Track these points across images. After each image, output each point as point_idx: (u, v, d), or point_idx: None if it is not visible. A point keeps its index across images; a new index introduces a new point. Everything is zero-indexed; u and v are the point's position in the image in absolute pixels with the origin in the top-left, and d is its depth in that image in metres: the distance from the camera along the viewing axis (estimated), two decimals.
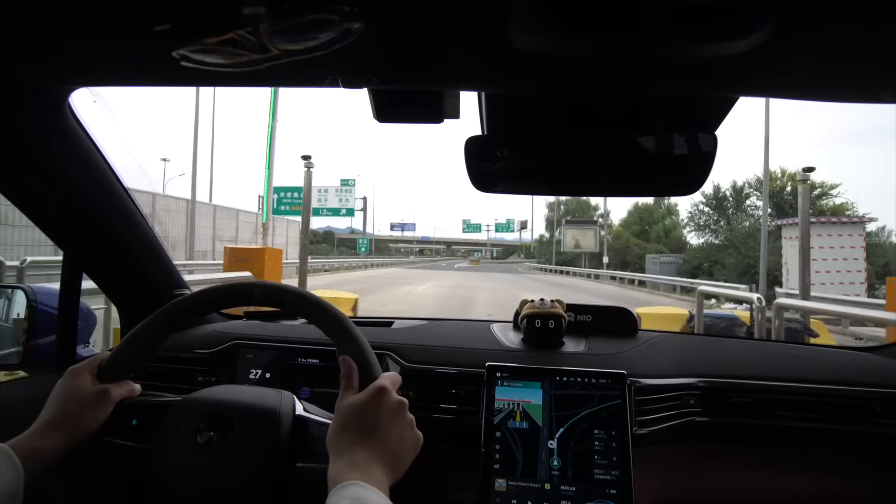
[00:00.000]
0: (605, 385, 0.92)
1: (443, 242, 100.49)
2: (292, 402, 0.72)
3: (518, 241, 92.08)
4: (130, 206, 1.01)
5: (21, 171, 0.84)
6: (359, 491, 0.54)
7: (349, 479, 0.56)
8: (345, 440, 0.61)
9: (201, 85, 1.02)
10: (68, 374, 0.72)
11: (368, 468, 0.59)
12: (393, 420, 0.64)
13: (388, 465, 0.61)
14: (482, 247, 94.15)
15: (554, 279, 28.59)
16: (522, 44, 0.55)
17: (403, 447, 0.65)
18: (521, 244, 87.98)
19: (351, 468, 0.58)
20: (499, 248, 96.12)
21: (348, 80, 0.63)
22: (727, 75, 0.64)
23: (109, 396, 0.72)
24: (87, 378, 0.71)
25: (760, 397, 0.99)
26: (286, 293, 0.74)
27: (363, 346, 0.70)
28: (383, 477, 0.59)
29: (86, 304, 1.13)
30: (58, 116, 0.81)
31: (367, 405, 0.64)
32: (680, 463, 0.99)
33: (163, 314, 0.76)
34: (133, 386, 0.77)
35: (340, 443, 0.61)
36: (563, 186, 0.86)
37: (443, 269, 36.69)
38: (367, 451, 0.60)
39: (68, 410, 0.68)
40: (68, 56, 0.66)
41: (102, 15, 0.54)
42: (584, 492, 0.86)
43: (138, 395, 0.78)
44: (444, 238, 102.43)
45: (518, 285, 20.50)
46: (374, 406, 0.64)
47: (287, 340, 1.10)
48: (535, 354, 1.07)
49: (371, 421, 0.63)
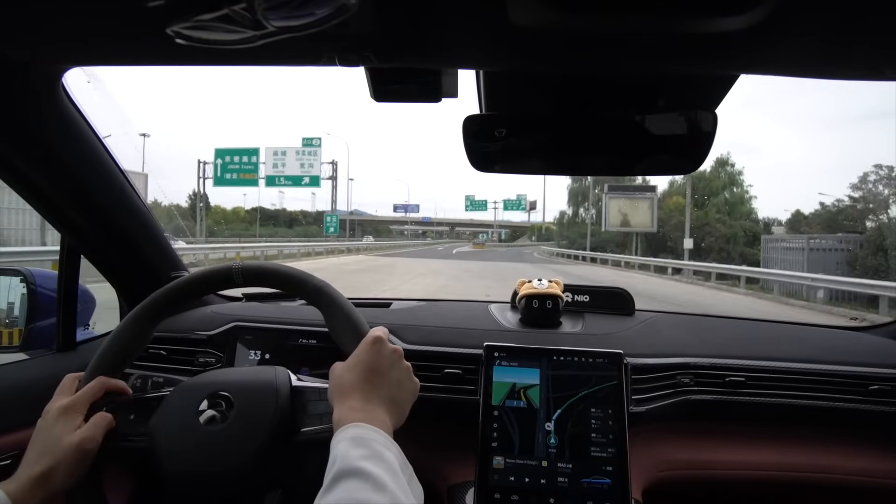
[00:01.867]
0: (602, 365, 0.93)
1: (445, 223, 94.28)
2: (287, 375, 0.73)
3: (527, 222, 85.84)
4: (127, 187, 1.01)
5: (15, 152, 0.84)
6: (359, 430, 0.56)
7: (351, 421, 0.57)
8: (345, 387, 0.63)
9: (196, 64, 0.99)
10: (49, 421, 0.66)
11: (369, 410, 0.60)
12: (389, 366, 0.66)
13: (388, 408, 0.63)
14: (488, 228, 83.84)
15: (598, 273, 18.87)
16: (520, 20, 0.54)
17: (402, 392, 0.66)
18: (533, 225, 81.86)
19: (352, 411, 0.59)
20: (506, 229, 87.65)
21: (345, 59, 0.62)
22: (727, 53, 0.63)
23: (85, 445, 0.65)
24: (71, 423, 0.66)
25: (755, 375, 1.01)
26: (266, 270, 0.76)
27: (348, 307, 0.72)
28: (386, 418, 0.61)
29: (85, 287, 1.13)
30: (51, 97, 0.80)
31: (364, 355, 0.66)
32: (676, 440, 1.01)
33: (142, 310, 0.76)
34: (122, 384, 0.74)
35: (342, 389, 0.63)
36: (561, 166, 0.86)
37: (436, 257, 25.61)
38: (367, 395, 0.62)
39: (50, 465, 0.63)
40: (60, 35, 0.65)
41: None
42: (580, 469, 0.88)
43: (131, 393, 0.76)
44: (449, 219, 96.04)
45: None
46: (372, 354, 0.66)
47: (286, 322, 1.10)
48: (533, 334, 1.08)
49: (369, 367, 0.65)
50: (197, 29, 0.51)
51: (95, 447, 0.66)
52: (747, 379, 1.00)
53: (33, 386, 0.92)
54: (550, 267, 21.52)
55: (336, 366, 0.68)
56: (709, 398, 1.00)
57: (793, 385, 1.01)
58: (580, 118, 0.80)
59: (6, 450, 0.86)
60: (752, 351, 1.05)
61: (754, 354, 1.04)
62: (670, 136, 0.79)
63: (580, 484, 0.87)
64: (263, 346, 1.08)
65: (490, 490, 0.87)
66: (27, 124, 0.81)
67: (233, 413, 0.67)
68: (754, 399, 1.00)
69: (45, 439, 0.65)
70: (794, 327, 1.28)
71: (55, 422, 0.66)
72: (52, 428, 0.65)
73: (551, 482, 0.87)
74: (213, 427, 0.66)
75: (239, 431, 0.66)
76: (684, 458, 1.00)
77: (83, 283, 1.11)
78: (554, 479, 0.87)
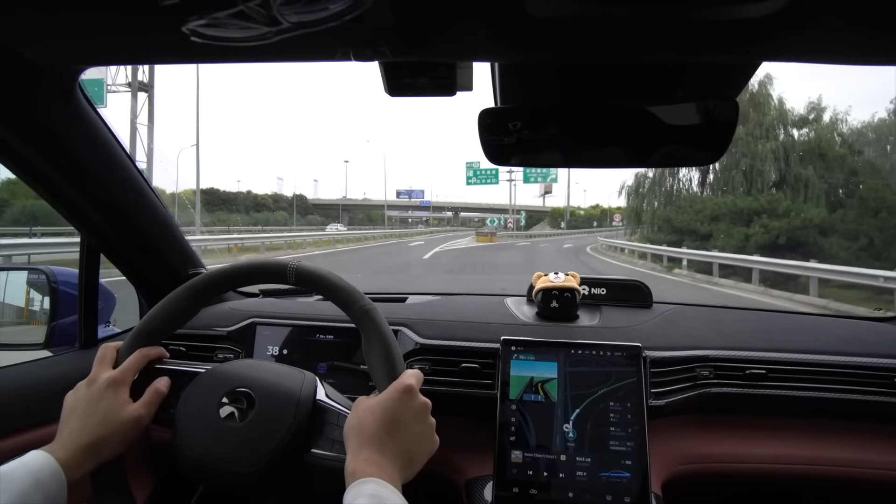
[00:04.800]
0: (621, 359, 0.93)
1: (448, 207, 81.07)
2: (314, 385, 0.72)
3: (543, 206, 72.04)
4: (144, 186, 1.02)
5: (34, 153, 0.84)
6: (377, 488, 0.55)
7: (368, 475, 0.56)
8: (365, 432, 0.61)
9: (210, 62, 1.01)
10: (96, 393, 0.68)
11: (384, 465, 0.58)
12: (415, 421, 0.64)
13: (403, 464, 0.61)
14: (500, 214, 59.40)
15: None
16: (538, 10, 0.53)
17: (420, 450, 0.64)
18: (555, 209, 68.16)
19: (368, 463, 0.58)
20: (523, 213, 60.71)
21: (360, 53, 0.61)
22: (749, 41, 0.62)
23: (142, 421, 0.69)
24: (121, 396, 0.69)
25: (776, 368, 0.99)
26: (320, 277, 0.73)
27: (390, 340, 0.69)
28: (397, 476, 0.59)
29: (105, 284, 1.14)
30: (68, 97, 0.81)
31: (391, 402, 0.63)
32: (696, 433, 1.00)
33: (194, 284, 0.76)
34: (162, 350, 0.76)
35: (361, 436, 0.61)
36: (578, 158, 0.85)
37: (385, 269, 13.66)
38: (385, 449, 0.60)
39: (102, 435, 0.66)
40: (75, 35, 0.65)
41: None
42: (599, 463, 0.87)
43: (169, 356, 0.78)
44: (453, 203, 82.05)
45: None
46: (399, 404, 0.63)
47: (303, 317, 1.11)
48: (550, 328, 1.07)
49: (394, 418, 0.62)
50: (212, 26, 0.51)
51: (149, 422, 0.70)
52: (768, 371, 0.99)
53: (57, 382, 0.93)
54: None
55: (360, 401, 0.66)
56: (729, 391, 0.99)
57: (816, 377, 0.99)
58: (597, 109, 0.79)
59: (32, 445, 0.88)
60: (773, 343, 1.04)
61: (775, 346, 1.02)
62: (690, 127, 0.77)
63: (599, 478, 0.86)
64: (281, 341, 1.08)
65: (508, 484, 0.88)
66: (45, 125, 0.82)
67: (251, 414, 0.67)
68: (776, 392, 0.98)
69: (94, 410, 0.67)
70: (816, 318, 1.25)
71: (103, 394, 0.68)
72: (101, 399, 0.67)
73: (570, 476, 0.87)
74: (231, 423, 0.67)
75: (253, 435, 0.66)
76: (704, 451, 0.99)
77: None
78: (573, 473, 0.87)
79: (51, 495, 0.58)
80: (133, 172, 0.99)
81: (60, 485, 0.60)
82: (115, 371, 0.70)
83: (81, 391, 0.69)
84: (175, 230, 1.15)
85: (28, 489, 0.57)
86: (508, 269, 14.39)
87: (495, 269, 14.56)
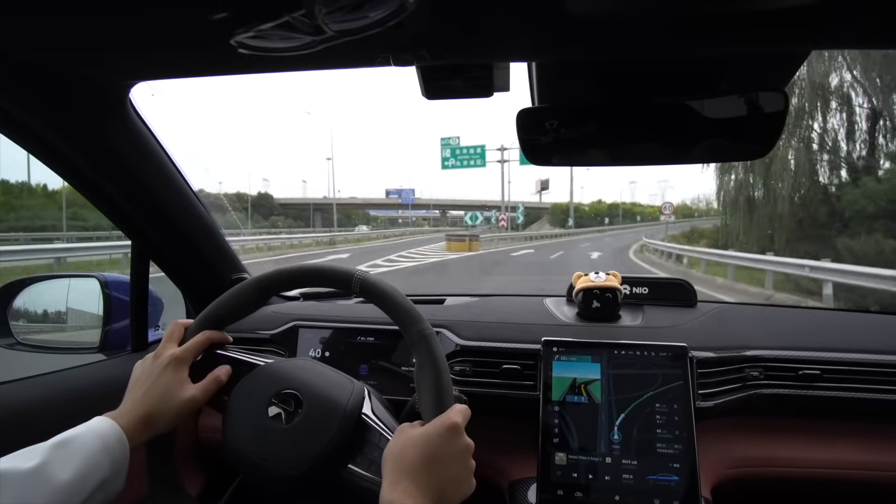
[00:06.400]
0: (666, 359, 0.90)
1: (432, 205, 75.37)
2: (361, 398, 0.72)
3: (539, 203, 67.72)
4: (191, 195, 1.05)
5: (88, 164, 0.88)
6: None
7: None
8: (404, 462, 0.60)
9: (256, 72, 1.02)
10: (159, 367, 0.71)
11: (420, 499, 0.58)
12: (455, 461, 0.62)
13: (436, 502, 0.60)
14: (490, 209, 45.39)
15: None
16: (578, 8, 0.53)
17: (456, 489, 0.62)
18: (555, 206, 63.90)
19: (406, 496, 0.57)
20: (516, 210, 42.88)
21: (399, 58, 0.62)
22: (798, 27, 0.59)
23: (196, 402, 0.71)
24: (181, 374, 0.71)
25: (832, 368, 0.95)
26: (384, 292, 0.72)
27: (443, 372, 0.68)
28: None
29: (154, 290, 1.19)
30: (120, 111, 0.84)
31: (435, 437, 0.62)
32: (747, 436, 0.96)
33: (262, 278, 0.78)
34: (225, 335, 0.78)
35: (399, 466, 0.60)
36: (619, 156, 0.83)
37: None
38: (420, 482, 0.59)
39: (160, 408, 0.69)
40: (128, 52, 0.68)
41: (160, 9, 0.55)
42: (645, 465, 0.85)
43: (232, 341, 0.80)
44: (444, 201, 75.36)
45: None
46: (442, 440, 0.62)
47: (344, 320, 1.12)
48: (592, 328, 1.06)
49: (435, 455, 0.61)
50: (259, 38, 0.52)
51: (203, 404, 0.72)
52: (823, 372, 0.95)
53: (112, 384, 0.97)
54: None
55: (403, 429, 0.65)
56: (781, 392, 0.95)
57: (876, 378, 0.94)
58: (636, 105, 0.77)
59: None
60: (828, 342, 0.99)
61: (830, 346, 0.98)
62: (736, 120, 0.75)
63: (646, 481, 0.85)
64: (323, 343, 1.10)
65: (553, 486, 0.87)
66: (99, 137, 0.85)
67: (297, 418, 0.68)
68: (832, 394, 0.94)
69: (153, 383, 0.70)
70: (873, 316, 1.20)
71: (165, 369, 0.70)
72: (163, 375, 0.70)
73: (616, 479, 0.85)
74: (277, 424, 0.68)
75: (296, 440, 0.67)
76: (757, 454, 0.96)
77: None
78: (619, 476, 0.86)
79: (116, 460, 0.61)
80: (179, 180, 1.02)
81: (124, 450, 0.63)
82: (179, 349, 0.73)
83: (148, 363, 0.72)
84: (219, 236, 1.18)
85: (97, 453, 0.60)
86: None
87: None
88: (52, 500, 0.55)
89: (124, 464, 0.63)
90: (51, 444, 0.59)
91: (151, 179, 0.96)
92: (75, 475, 0.57)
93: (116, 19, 0.59)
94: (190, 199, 1.05)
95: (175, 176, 1.00)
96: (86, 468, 0.58)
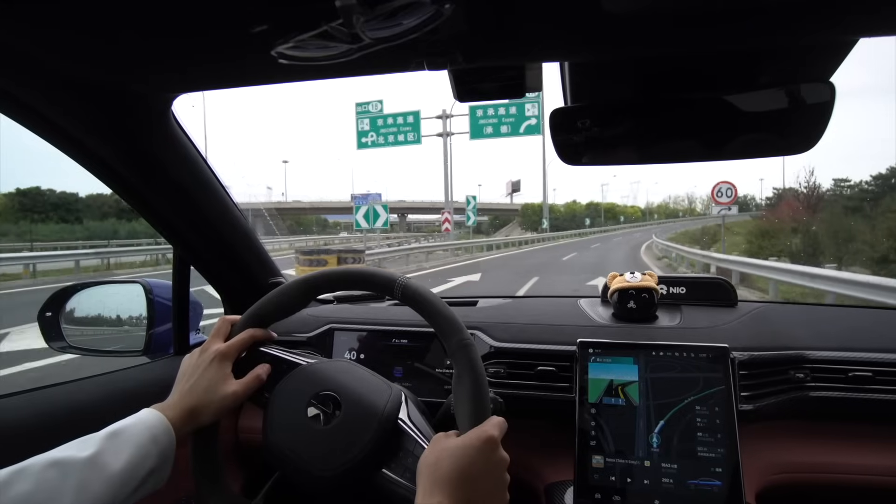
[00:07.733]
0: (705, 361, 0.88)
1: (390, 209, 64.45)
2: (398, 403, 0.72)
3: (511, 204, 65.27)
4: (229, 202, 1.08)
5: (133, 174, 0.92)
6: None
7: None
8: (439, 472, 0.60)
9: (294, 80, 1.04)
10: (204, 361, 0.73)
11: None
12: (489, 475, 0.61)
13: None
14: (434, 213, 38.24)
15: None
16: (614, 6, 0.52)
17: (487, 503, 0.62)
18: (526, 206, 61.99)
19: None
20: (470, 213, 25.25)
21: (433, 62, 0.62)
22: (846, 15, 0.57)
23: (237, 398, 0.73)
24: (225, 369, 0.73)
25: (886, 370, 0.91)
26: (426, 299, 0.72)
27: (481, 384, 0.67)
28: None
29: (194, 295, 1.22)
30: (163, 122, 0.88)
31: (471, 449, 0.61)
32: (793, 440, 0.93)
33: (307, 279, 0.79)
34: (270, 333, 0.80)
35: (434, 476, 0.60)
36: (652, 153, 0.82)
37: None
38: (456, 495, 0.58)
39: (204, 402, 0.71)
40: (171, 66, 0.70)
41: (204, 29, 0.57)
42: (686, 470, 0.83)
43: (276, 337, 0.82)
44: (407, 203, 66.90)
45: None
46: (478, 453, 0.61)
47: (378, 322, 1.13)
48: (628, 329, 1.04)
49: (470, 467, 0.60)
50: (298, 48, 0.53)
51: (244, 399, 0.75)
52: (875, 374, 0.91)
53: (156, 386, 1.01)
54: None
55: (439, 439, 0.64)
56: (829, 395, 0.91)
57: None
58: (674, 102, 0.76)
59: None
60: (880, 342, 0.95)
61: (882, 346, 0.94)
62: (779, 114, 0.72)
63: (687, 486, 0.83)
64: (358, 346, 1.12)
65: (590, 490, 0.86)
66: (143, 149, 0.89)
67: (335, 420, 0.69)
68: (887, 397, 0.90)
69: (199, 377, 0.72)
70: None
71: (210, 364, 0.73)
72: (208, 369, 0.73)
73: (655, 483, 0.84)
74: (315, 425, 0.69)
75: (333, 442, 0.68)
76: (803, 460, 0.92)
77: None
78: (658, 480, 0.84)
79: (164, 450, 0.64)
80: (218, 189, 1.05)
81: (171, 441, 0.65)
82: (224, 345, 0.75)
83: (195, 357, 0.75)
84: (256, 242, 1.21)
85: (146, 443, 0.62)
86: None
87: None
88: (107, 487, 0.57)
89: (171, 453, 0.65)
90: (104, 434, 0.62)
91: (192, 187, 0.99)
92: (127, 464, 0.60)
93: (163, 42, 0.61)
94: (228, 206, 1.08)
95: (214, 184, 1.03)
96: (137, 457, 0.61)
